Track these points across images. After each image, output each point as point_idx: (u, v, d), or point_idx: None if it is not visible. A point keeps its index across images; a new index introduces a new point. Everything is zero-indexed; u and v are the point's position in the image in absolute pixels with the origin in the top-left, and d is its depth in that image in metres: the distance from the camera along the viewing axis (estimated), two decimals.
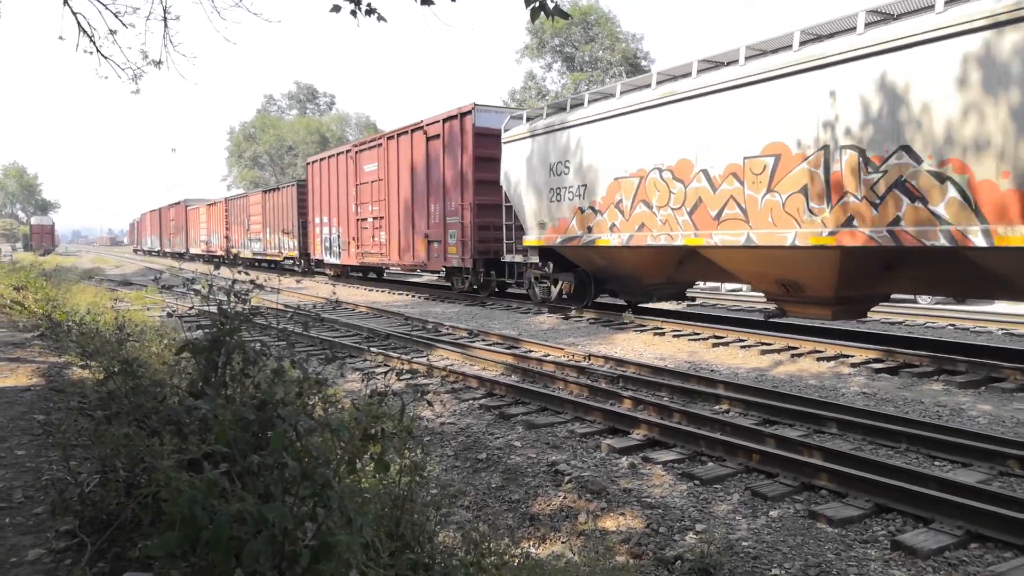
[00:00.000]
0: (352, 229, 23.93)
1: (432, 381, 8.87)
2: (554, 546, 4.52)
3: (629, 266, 13.16)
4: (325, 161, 26.65)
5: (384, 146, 21.63)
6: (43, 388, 6.77)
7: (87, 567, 3.03)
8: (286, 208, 30.83)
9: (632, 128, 12.15)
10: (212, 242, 42.84)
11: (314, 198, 27.52)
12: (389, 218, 21.29)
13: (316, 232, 27.48)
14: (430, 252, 19.29)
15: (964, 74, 7.58)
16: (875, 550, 4.23)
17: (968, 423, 6.64)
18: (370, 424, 2.90)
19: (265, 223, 33.81)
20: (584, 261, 14.21)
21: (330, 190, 25.77)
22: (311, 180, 27.90)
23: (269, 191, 33.85)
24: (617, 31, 47.74)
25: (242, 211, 37.54)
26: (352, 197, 23.74)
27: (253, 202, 35.70)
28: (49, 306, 12.23)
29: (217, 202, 42.42)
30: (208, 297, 3.60)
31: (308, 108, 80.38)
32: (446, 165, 18.35)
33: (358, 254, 23.69)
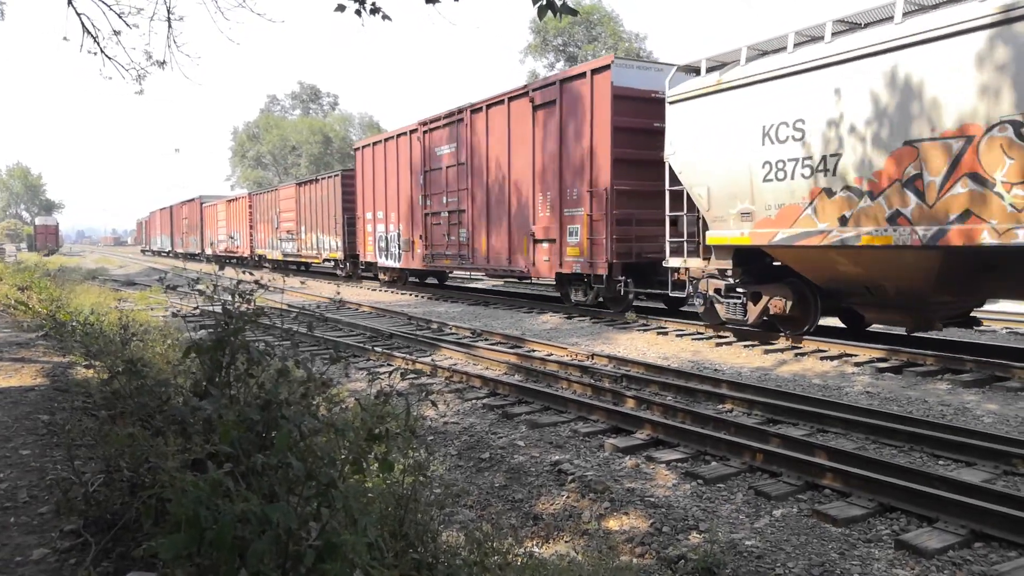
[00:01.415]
0: (418, 226, 19.85)
1: (436, 381, 8.88)
2: (558, 546, 4.52)
3: (913, 275, 8.72)
4: (380, 145, 22.20)
5: (466, 122, 17.37)
6: (47, 388, 6.79)
7: (91, 567, 3.03)
8: (327, 202, 26.66)
9: (949, 63, 7.81)
10: (233, 242, 39.14)
11: (364, 190, 23.31)
12: (473, 212, 17.31)
13: (366, 230, 23.22)
14: (536, 254, 15.13)
15: None
16: (879, 549, 4.23)
17: (973, 422, 6.62)
18: (375, 424, 2.90)
19: (300, 220, 29.50)
20: (817, 268, 9.82)
21: (387, 179, 21.64)
22: (360, 169, 23.63)
23: (305, 183, 29.47)
24: (620, 30, 47.72)
25: (270, 207, 33.31)
26: (418, 187, 19.65)
27: (285, 196, 31.45)
28: (53, 306, 12.25)
29: (240, 197, 38.81)
30: (212, 297, 3.61)
31: (311, 108, 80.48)
32: (566, 140, 14.11)
33: (426, 256, 19.50)
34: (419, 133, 19.59)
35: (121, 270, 38.36)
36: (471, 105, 17.29)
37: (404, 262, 21.07)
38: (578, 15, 5.21)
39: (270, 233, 33.62)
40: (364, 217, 23.44)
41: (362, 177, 23.65)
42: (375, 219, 22.71)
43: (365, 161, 23.37)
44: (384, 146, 21.95)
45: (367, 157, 23.23)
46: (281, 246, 32.01)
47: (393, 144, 21.35)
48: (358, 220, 23.97)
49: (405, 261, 21.00)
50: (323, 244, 27.39)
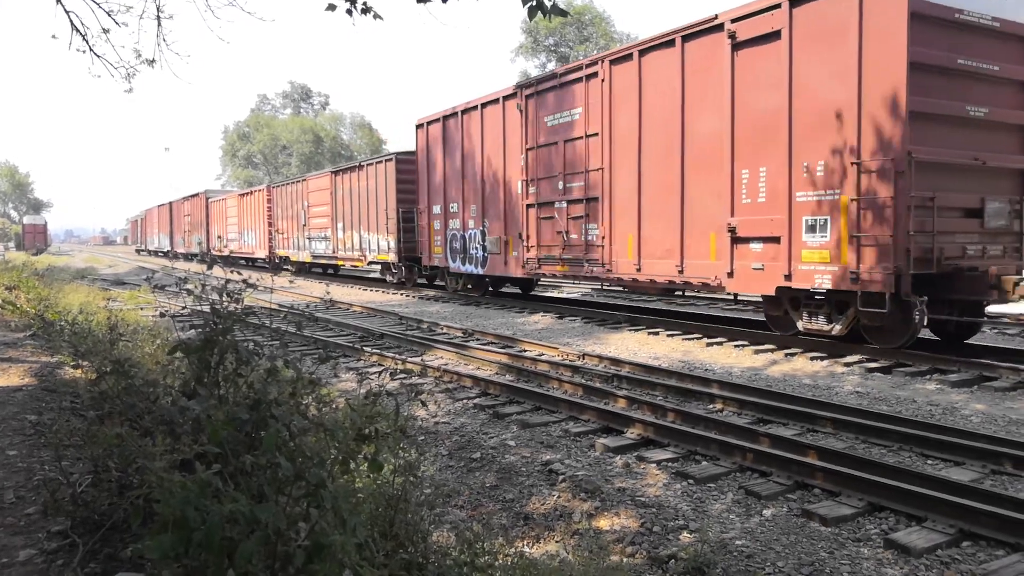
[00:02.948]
0: (515, 221, 15.52)
1: (426, 381, 8.86)
2: (548, 545, 4.52)
3: None
4: (455, 119, 17.51)
5: (603, 76, 12.82)
6: (35, 388, 6.74)
7: (79, 568, 3.01)
8: (376, 193, 22.11)
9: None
10: (246, 241, 34.88)
11: (430, 177, 18.88)
12: (613, 200, 12.77)
13: (432, 227, 19.00)
14: (736, 259, 10.49)
15: None
16: (868, 548, 4.24)
17: (961, 422, 6.66)
18: (364, 424, 2.90)
19: (337, 215, 25.12)
20: None
21: (465, 162, 17.30)
22: (424, 151, 19.04)
23: (345, 171, 24.89)
24: (611, 31, 47.83)
25: (295, 200, 28.86)
26: (517, 170, 15.27)
27: (316, 188, 26.92)
28: (41, 306, 12.18)
29: (255, 191, 34.39)
30: (201, 297, 3.59)
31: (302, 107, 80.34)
32: (801, 89, 9.50)
33: (529, 261, 15.08)
34: (519, 99, 14.97)
35: (110, 270, 38.15)
36: (609, 55, 12.92)
37: (491, 267, 16.65)
38: (568, 15, 5.21)
39: (295, 231, 29.07)
40: (429, 211, 19.08)
41: (427, 161, 18.95)
42: (446, 213, 18.36)
43: (431, 141, 18.63)
44: (462, 120, 17.27)
45: (434, 136, 18.48)
46: (311, 246, 27.53)
47: (475, 116, 16.77)
48: (421, 215, 19.47)
49: (493, 266, 16.58)
50: (368, 244, 22.91)
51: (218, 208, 39.63)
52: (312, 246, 27.50)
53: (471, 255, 17.47)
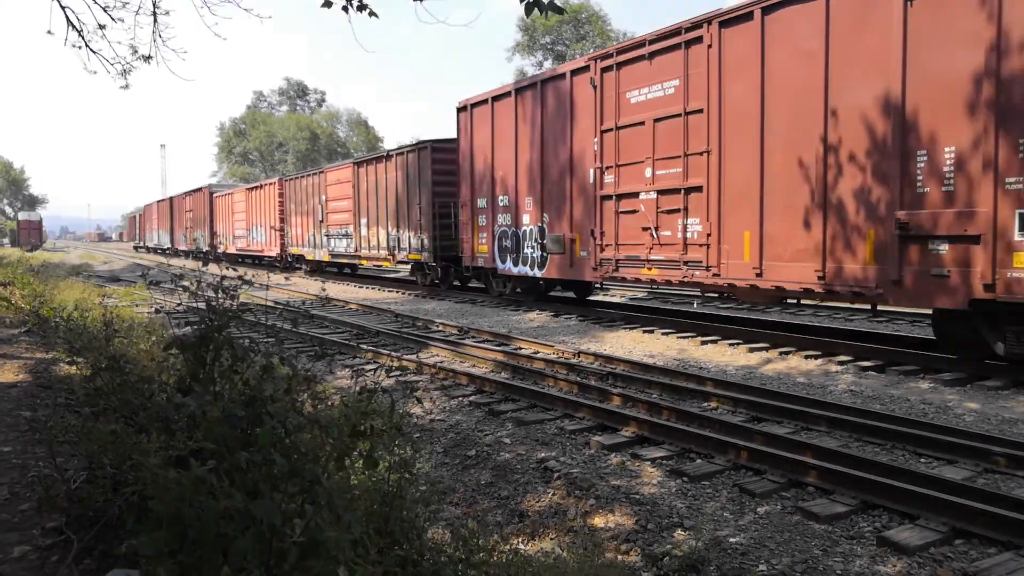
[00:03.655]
0: (585, 216, 13.29)
1: (422, 378, 8.87)
2: (543, 543, 4.53)
3: None
4: (507, 100, 15.37)
5: (711, 41, 10.65)
6: (30, 384, 6.73)
7: (73, 564, 3.01)
8: (407, 186, 19.98)
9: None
10: (254, 238, 32.71)
11: (475, 165, 16.70)
12: (722, 189, 10.53)
13: (476, 223, 16.79)
14: (904, 262, 8.34)
15: None
16: (861, 546, 4.27)
17: (954, 420, 6.69)
18: (359, 421, 2.90)
19: (360, 210, 22.95)
20: None
21: (519, 149, 15.08)
22: (467, 137, 16.82)
23: (368, 162, 22.53)
24: (608, 29, 47.82)
25: (312, 194, 26.70)
26: (589, 156, 13.07)
27: (336, 180, 24.81)
28: (36, 302, 12.14)
29: (266, 184, 31.99)
30: (196, 293, 3.59)
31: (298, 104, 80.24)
32: (1013, 40, 7.38)
33: (603, 262, 12.78)
34: (592, 72, 12.80)
35: (105, 266, 38.06)
36: (717, 15, 10.55)
37: (552, 269, 14.40)
38: (564, 13, 5.22)
39: (311, 228, 26.89)
40: (472, 205, 16.83)
41: (471, 148, 16.72)
42: (493, 207, 16.18)
43: (476, 125, 16.53)
44: (516, 100, 15.07)
45: (480, 119, 16.39)
46: (329, 244, 25.32)
47: (533, 96, 14.57)
48: (466, 208, 17.16)
49: (554, 268, 14.34)
50: (398, 242, 20.74)
51: (223, 203, 37.37)
52: (331, 244, 25.21)
53: (525, 255, 15.14)
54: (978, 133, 7.64)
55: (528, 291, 16.40)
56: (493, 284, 17.13)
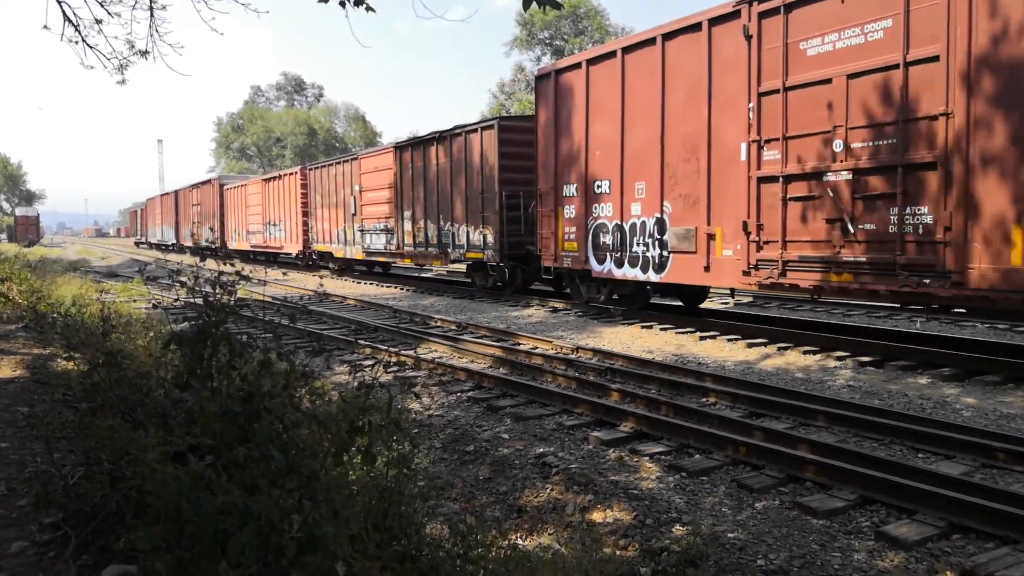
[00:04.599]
0: (737, 203, 10.33)
1: (420, 374, 8.87)
2: (541, 538, 4.53)
3: None
4: (607, 62, 12.56)
5: None
6: (27, 380, 6.72)
7: (71, 560, 3.01)
8: (465, 173, 17.18)
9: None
10: (272, 234, 30.16)
11: (562, 146, 13.75)
12: (970, 166, 7.85)
13: (561, 215, 13.90)
14: None
15: None
16: (859, 541, 4.27)
17: (952, 416, 6.70)
18: (357, 416, 2.89)
19: (403, 202, 20.11)
20: None
21: (629, 120, 12.16)
22: (551, 112, 13.89)
23: (413, 146, 19.59)
24: (606, 24, 47.75)
25: (342, 184, 23.82)
26: (739, 125, 10.22)
27: (371, 168, 21.89)
28: (34, 298, 12.13)
29: (285, 174, 29.28)
30: (194, 289, 3.58)
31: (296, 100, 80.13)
32: None
33: (769, 264, 9.89)
34: (746, 19, 10.07)
35: (103, 262, 38.01)
36: None
37: (676, 271, 11.51)
38: (562, 8, 5.20)
39: (340, 222, 24.06)
40: (557, 193, 13.92)
41: (554, 125, 13.82)
42: (586, 196, 13.24)
43: (563, 96, 13.62)
44: (622, 61, 12.19)
45: (569, 88, 13.46)
46: (364, 240, 22.42)
47: (648, 56, 11.70)
48: (540, 199, 14.38)
49: (680, 270, 11.46)
50: (451, 238, 18.01)
51: (235, 196, 34.71)
52: (366, 240, 22.28)
53: (634, 254, 12.23)
54: None
55: (630, 299, 13.29)
56: (582, 289, 14.09)
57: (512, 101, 47.05)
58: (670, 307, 14.02)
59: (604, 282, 13.43)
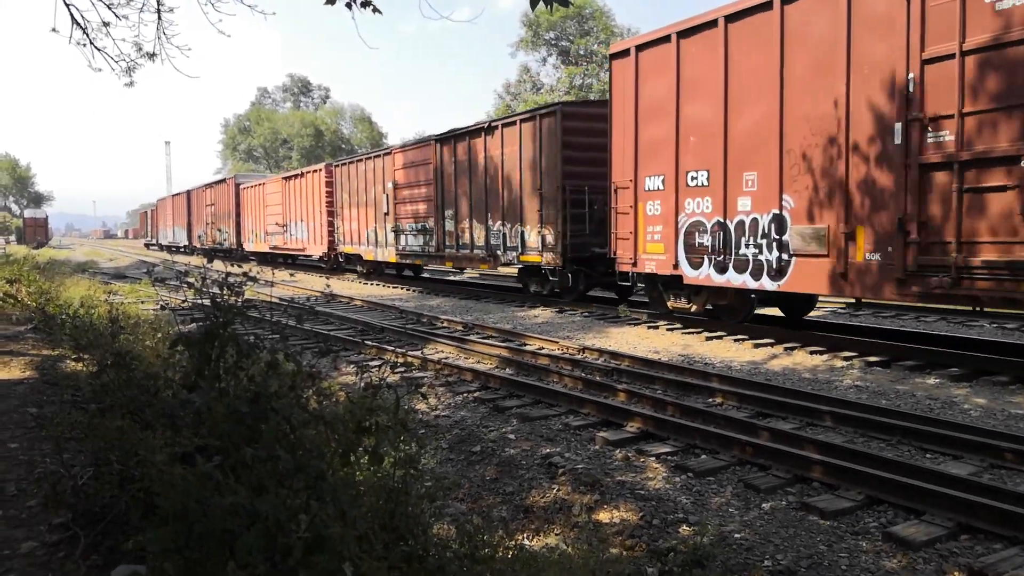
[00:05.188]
0: (889, 197, 8.54)
1: (427, 374, 8.88)
2: (548, 538, 4.53)
3: None
4: (703, 33, 10.82)
5: None
6: (36, 381, 6.76)
7: (80, 560, 3.03)
8: (520, 166, 15.46)
9: None
10: (294, 235, 28.56)
11: (644, 132, 11.91)
12: None
13: (643, 212, 12.02)
14: None
15: None
16: (867, 542, 4.26)
17: (960, 416, 6.67)
18: (364, 417, 2.90)
19: (444, 199, 18.50)
20: None
21: (733, 97, 10.43)
22: (630, 92, 12.03)
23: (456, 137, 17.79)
24: (612, 25, 47.68)
25: (373, 181, 22.13)
26: (893, 101, 8.43)
27: (407, 162, 20.30)
28: (42, 299, 12.19)
29: (308, 172, 27.54)
30: (201, 290, 3.60)
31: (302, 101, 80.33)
32: None
33: (936, 271, 8.05)
34: None
35: (111, 263, 38.17)
36: None
37: (801, 279, 9.65)
38: (570, 6, 5.20)
39: (371, 222, 22.52)
40: (637, 187, 12.07)
41: (634, 108, 11.96)
42: (677, 189, 11.34)
43: (647, 75, 11.77)
44: (724, 32, 10.43)
45: (653, 66, 11.63)
46: (399, 241, 20.85)
47: (762, 22, 9.95)
48: (617, 194, 12.44)
49: (806, 277, 9.59)
50: (503, 240, 16.27)
51: (253, 195, 33.08)
52: (401, 241, 20.67)
53: (741, 257, 10.39)
54: None
55: (728, 309, 11.51)
56: (669, 298, 12.21)
57: (518, 102, 47.05)
58: (771, 318, 12.28)
59: (697, 290, 11.64)
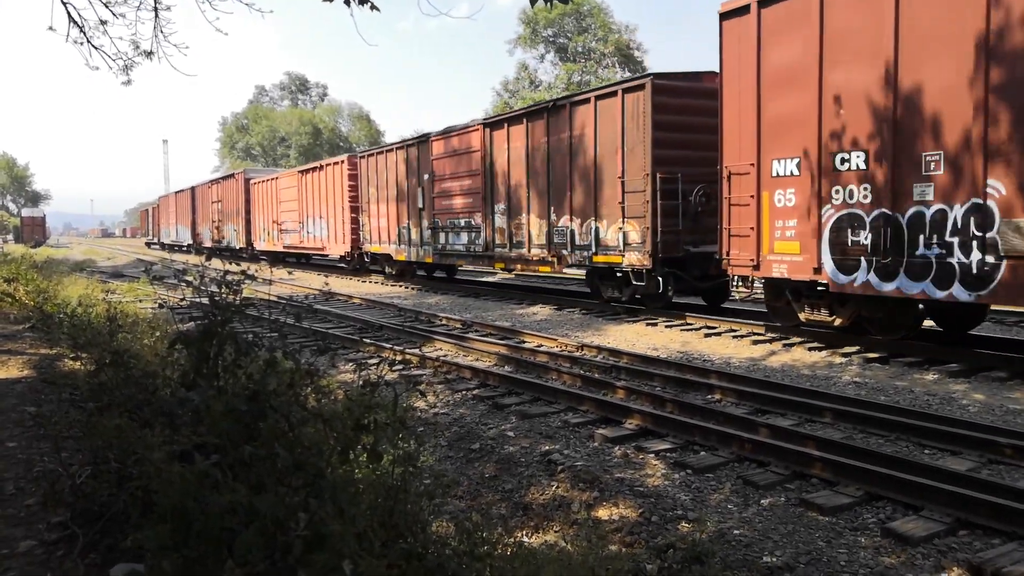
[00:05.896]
0: None
1: (425, 372, 8.87)
2: (547, 535, 4.53)
3: None
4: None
5: None
6: (34, 380, 6.75)
7: (79, 559, 3.02)
8: (595, 149, 13.29)
9: None
10: (311, 232, 26.50)
11: (766, 103, 9.82)
12: None
13: (767, 203, 9.85)
14: None
15: None
16: (866, 537, 4.26)
17: (959, 412, 6.68)
18: (363, 414, 2.90)
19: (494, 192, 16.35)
20: None
21: (906, 54, 8.15)
22: (748, 59, 9.96)
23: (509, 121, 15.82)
24: (610, 22, 47.67)
25: (406, 174, 19.83)
26: None
27: (447, 150, 17.99)
28: (40, 298, 12.17)
29: (328, 164, 25.35)
30: (200, 288, 3.59)
31: (300, 99, 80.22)
32: None
33: None
34: None
35: (109, 262, 38.13)
36: None
37: (1015, 288, 7.48)
38: (569, 3, 5.20)
39: (402, 218, 20.29)
40: (760, 172, 9.92)
41: (756, 77, 9.86)
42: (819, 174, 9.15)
43: (770, 37, 9.70)
44: None
45: (780, 25, 9.57)
46: (438, 240, 18.60)
47: None
48: (732, 181, 10.27)
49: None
50: (570, 237, 14.04)
51: (264, 191, 31.08)
52: (440, 240, 18.53)
53: (921, 260, 8.18)
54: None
55: (885, 324, 9.39)
56: (803, 308, 10.07)
57: (516, 99, 47.01)
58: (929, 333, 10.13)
59: (844, 299, 9.43)
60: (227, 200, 35.65)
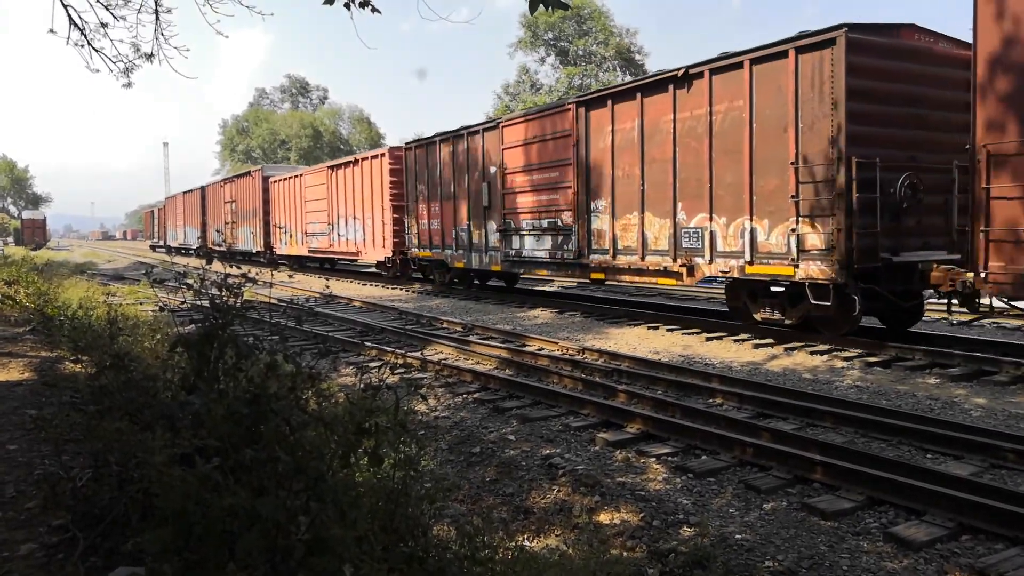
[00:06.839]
0: None
1: (426, 375, 8.86)
2: (548, 539, 4.52)
3: None
4: None
5: None
6: (35, 383, 6.74)
7: (79, 562, 3.01)
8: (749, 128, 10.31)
9: None
10: (342, 235, 24.04)
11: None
12: None
13: None
14: None
15: None
16: (868, 542, 4.25)
17: (961, 416, 6.67)
18: (364, 418, 2.89)
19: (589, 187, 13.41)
20: None
21: None
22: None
23: (610, 97, 12.83)
24: (611, 25, 47.74)
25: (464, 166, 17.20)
26: None
27: (519, 138, 15.28)
28: (41, 301, 12.17)
29: (364, 158, 22.77)
30: (200, 292, 3.58)
31: (300, 102, 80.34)
32: None
33: None
34: None
35: (109, 264, 38.14)
36: None
37: None
38: (569, 8, 5.20)
39: (461, 218, 17.51)
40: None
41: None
42: None
43: None
44: None
45: None
46: (510, 244, 15.82)
47: None
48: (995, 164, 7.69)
49: None
50: (703, 240, 11.17)
51: (286, 190, 28.52)
52: (514, 244, 15.68)
53: None
54: None
55: None
56: None
57: (517, 102, 47.06)
58: None
59: None
60: (242, 200, 33.39)
